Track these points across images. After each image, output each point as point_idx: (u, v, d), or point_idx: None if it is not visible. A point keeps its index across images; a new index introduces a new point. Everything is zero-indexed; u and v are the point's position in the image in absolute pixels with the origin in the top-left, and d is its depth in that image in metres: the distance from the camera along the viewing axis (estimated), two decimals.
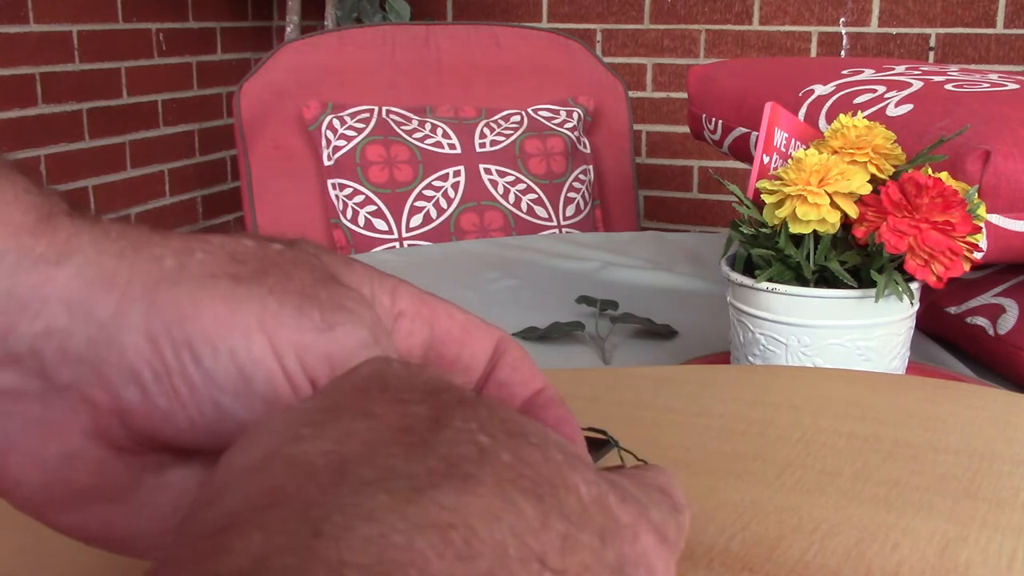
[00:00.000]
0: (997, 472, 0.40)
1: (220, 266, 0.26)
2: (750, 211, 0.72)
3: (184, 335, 0.25)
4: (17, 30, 2.21)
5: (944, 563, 0.33)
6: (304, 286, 0.27)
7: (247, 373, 0.25)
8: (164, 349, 0.25)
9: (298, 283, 0.27)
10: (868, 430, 0.45)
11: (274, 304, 0.26)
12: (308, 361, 0.26)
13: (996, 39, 2.45)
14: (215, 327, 0.25)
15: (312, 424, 0.22)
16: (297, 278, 0.27)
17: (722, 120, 1.26)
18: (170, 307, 0.25)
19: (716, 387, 0.53)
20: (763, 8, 2.61)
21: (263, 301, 0.26)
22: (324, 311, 0.26)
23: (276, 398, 0.26)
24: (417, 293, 0.31)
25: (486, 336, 0.33)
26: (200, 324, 0.25)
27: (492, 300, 1.12)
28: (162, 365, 0.25)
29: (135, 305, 0.25)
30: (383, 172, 1.90)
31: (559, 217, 1.96)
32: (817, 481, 0.40)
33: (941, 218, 0.67)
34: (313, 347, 0.26)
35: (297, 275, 0.27)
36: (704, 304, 1.10)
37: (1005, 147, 0.80)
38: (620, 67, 2.73)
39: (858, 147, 0.72)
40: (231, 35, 2.88)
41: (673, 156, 2.78)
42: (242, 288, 0.26)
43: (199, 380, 0.25)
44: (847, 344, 0.69)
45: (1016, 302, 0.88)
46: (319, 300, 0.27)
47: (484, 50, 2.13)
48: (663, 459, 0.43)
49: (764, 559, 0.34)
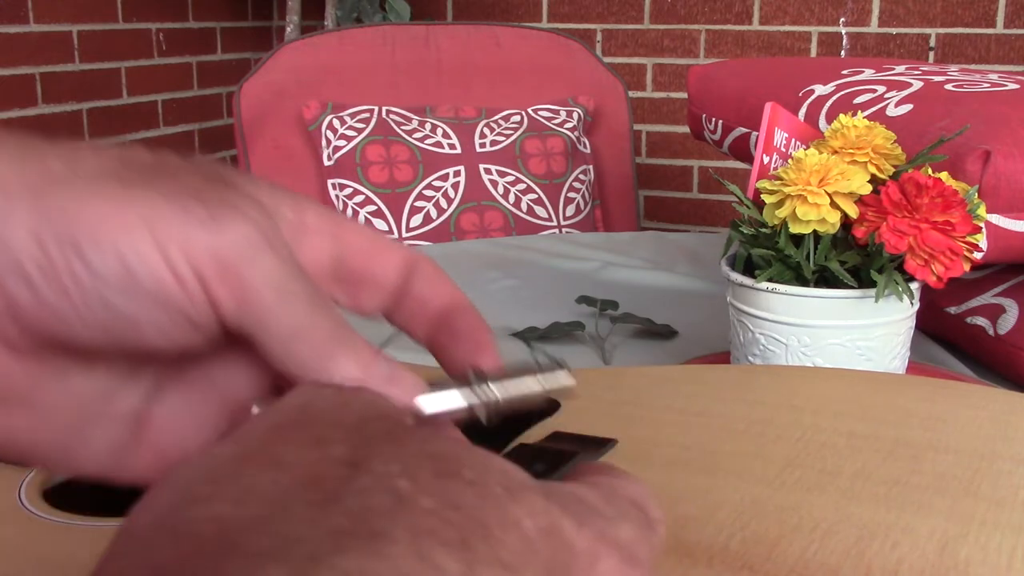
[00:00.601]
0: (997, 471, 0.40)
1: (109, 169, 0.26)
2: (750, 211, 0.72)
3: (69, 233, 0.25)
4: (17, 30, 2.21)
5: (944, 561, 0.33)
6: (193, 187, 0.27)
7: (132, 269, 0.25)
8: (49, 246, 0.25)
9: (187, 185, 0.27)
10: (868, 429, 0.45)
11: (160, 201, 0.26)
12: (194, 256, 0.26)
13: (996, 39, 2.45)
14: (100, 225, 0.25)
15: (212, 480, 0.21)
16: (187, 181, 0.27)
17: (722, 120, 1.26)
18: (56, 207, 0.25)
19: (716, 387, 0.53)
20: (763, 8, 2.61)
21: (149, 200, 0.26)
22: (210, 208, 0.26)
23: (163, 294, 0.26)
24: (324, 209, 0.32)
25: (396, 251, 0.33)
26: (85, 222, 0.25)
27: (492, 300, 1.12)
28: (48, 262, 0.25)
29: (20, 204, 0.25)
30: (383, 172, 1.90)
31: (559, 217, 1.96)
32: (817, 480, 0.40)
33: (941, 218, 0.67)
34: (198, 242, 0.26)
35: (188, 179, 0.27)
36: (704, 304, 1.10)
37: (1005, 147, 0.80)
38: (620, 67, 2.73)
39: (858, 147, 0.72)
40: (231, 35, 2.88)
41: (673, 156, 2.78)
42: (130, 190, 0.26)
43: (86, 277, 0.25)
44: (847, 344, 0.69)
45: (1016, 302, 0.88)
46: (206, 198, 0.26)
47: (484, 50, 2.13)
48: (662, 459, 0.43)
49: (764, 558, 0.34)
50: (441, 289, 0.33)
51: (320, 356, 0.28)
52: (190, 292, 0.26)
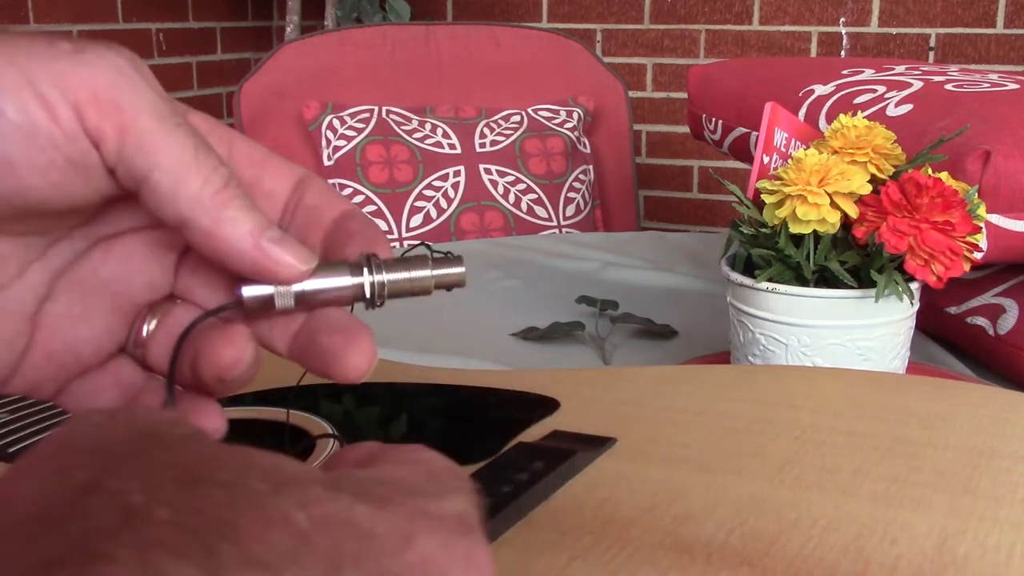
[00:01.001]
0: (996, 468, 0.40)
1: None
2: (750, 211, 0.72)
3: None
4: (17, 30, 2.21)
5: (942, 557, 0.33)
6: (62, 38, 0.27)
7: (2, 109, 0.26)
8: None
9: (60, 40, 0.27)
10: (867, 428, 0.45)
11: (24, 43, 0.26)
12: (67, 88, 0.26)
13: (996, 39, 2.45)
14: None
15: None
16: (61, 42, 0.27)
17: (722, 120, 1.26)
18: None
19: (716, 386, 0.53)
20: (763, 8, 2.61)
21: (15, 44, 0.26)
22: (78, 45, 0.27)
23: (36, 129, 0.26)
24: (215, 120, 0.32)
25: (289, 167, 0.33)
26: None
27: (492, 300, 1.13)
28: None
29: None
30: (383, 172, 1.90)
31: (559, 217, 1.96)
32: (816, 477, 0.40)
33: (941, 218, 0.67)
34: (68, 72, 0.26)
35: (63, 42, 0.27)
36: (704, 304, 1.10)
37: (1005, 147, 0.80)
38: (620, 67, 2.73)
39: (858, 147, 0.72)
40: (231, 35, 2.88)
41: (673, 156, 2.78)
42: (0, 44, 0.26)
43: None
44: (847, 344, 0.69)
45: (1016, 302, 0.88)
46: (74, 42, 0.27)
47: (484, 50, 2.13)
48: (661, 457, 0.44)
49: (763, 553, 0.34)
50: (333, 200, 0.33)
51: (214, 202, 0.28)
52: (65, 126, 0.26)
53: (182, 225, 0.28)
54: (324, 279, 0.31)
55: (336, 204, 0.33)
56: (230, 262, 0.29)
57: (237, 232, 0.29)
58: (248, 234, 0.29)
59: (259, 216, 0.29)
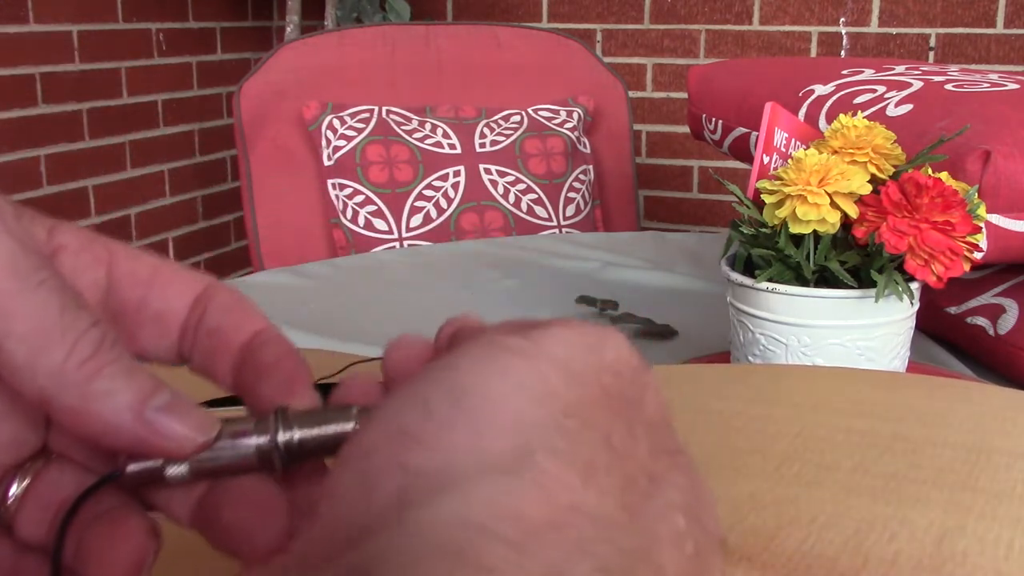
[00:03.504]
0: (995, 465, 0.40)
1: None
2: (750, 211, 0.72)
3: None
4: (17, 30, 2.21)
5: (941, 552, 0.33)
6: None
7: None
8: None
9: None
10: (866, 425, 0.45)
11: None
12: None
13: (996, 39, 2.45)
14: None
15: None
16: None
17: (722, 120, 1.26)
18: None
19: (714, 384, 0.53)
20: (763, 8, 2.61)
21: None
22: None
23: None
24: (87, 232, 0.27)
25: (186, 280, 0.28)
26: None
27: (492, 300, 1.13)
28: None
29: None
30: (383, 172, 1.90)
31: (559, 217, 1.96)
32: (815, 474, 0.40)
33: (941, 218, 0.67)
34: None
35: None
36: (704, 304, 1.10)
37: (1005, 147, 0.80)
38: (620, 67, 2.73)
39: (858, 147, 0.72)
40: (231, 35, 2.88)
41: (673, 156, 2.78)
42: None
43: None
44: (847, 344, 0.69)
45: (1016, 302, 0.88)
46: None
47: (484, 50, 2.13)
48: None
49: (762, 549, 0.34)
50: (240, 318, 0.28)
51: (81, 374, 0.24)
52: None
53: (44, 403, 0.24)
54: (223, 444, 0.26)
55: (244, 323, 0.28)
56: (106, 442, 0.25)
57: (113, 407, 0.24)
58: (126, 408, 0.24)
59: (141, 381, 0.25)
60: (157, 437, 0.25)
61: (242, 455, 0.26)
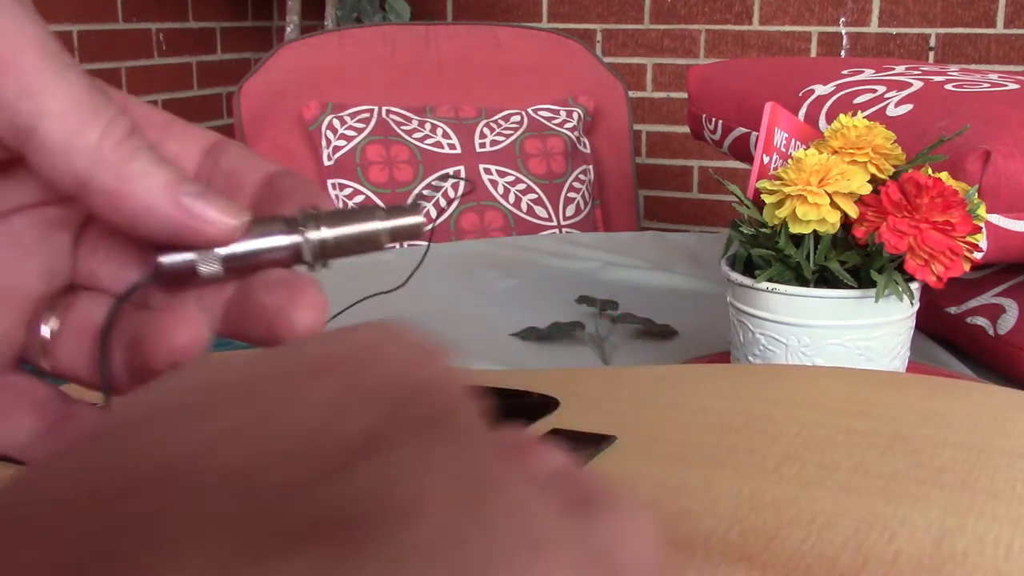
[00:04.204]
0: (995, 465, 0.41)
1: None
2: (750, 211, 0.73)
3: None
4: None
5: (941, 552, 0.33)
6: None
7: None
8: None
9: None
10: (866, 425, 0.45)
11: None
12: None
13: (996, 39, 2.45)
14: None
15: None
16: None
17: (722, 120, 1.26)
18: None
19: (715, 385, 0.53)
20: (763, 8, 2.61)
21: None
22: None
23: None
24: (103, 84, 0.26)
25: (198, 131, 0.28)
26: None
27: (492, 300, 1.13)
28: None
29: None
30: (383, 172, 1.91)
31: (559, 217, 1.96)
32: (815, 474, 0.40)
33: (941, 218, 0.67)
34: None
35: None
36: (704, 304, 1.10)
37: (1005, 147, 0.80)
38: (620, 67, 2.73)
39: (858, 147, 0.72)
40: (231, 35, 2.88)
41: (673, 156, 2.78)
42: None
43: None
44: (847, 344, 0.69)
45: (1016, 302, 0.88)
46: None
47: (484, 50, 2.13)
48: (661, 454, 0.44)
49: (762, 549, 0.34)
50: (255, 161, 0.28)
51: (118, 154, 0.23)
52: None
53: (80, 187, 0.24)
54: (255, 239, 0.26)
55: (259, 166, 0.28)
56: (142, 226, 0.24)
57: (149, 188, 0.24)
58: (163, 189, 0.24)
59: (172, 169, 0.24)
60: (193, 219, 0.24)
61: (274, 250, 0.26)
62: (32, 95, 0.23)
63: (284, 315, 0.25)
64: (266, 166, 0.28)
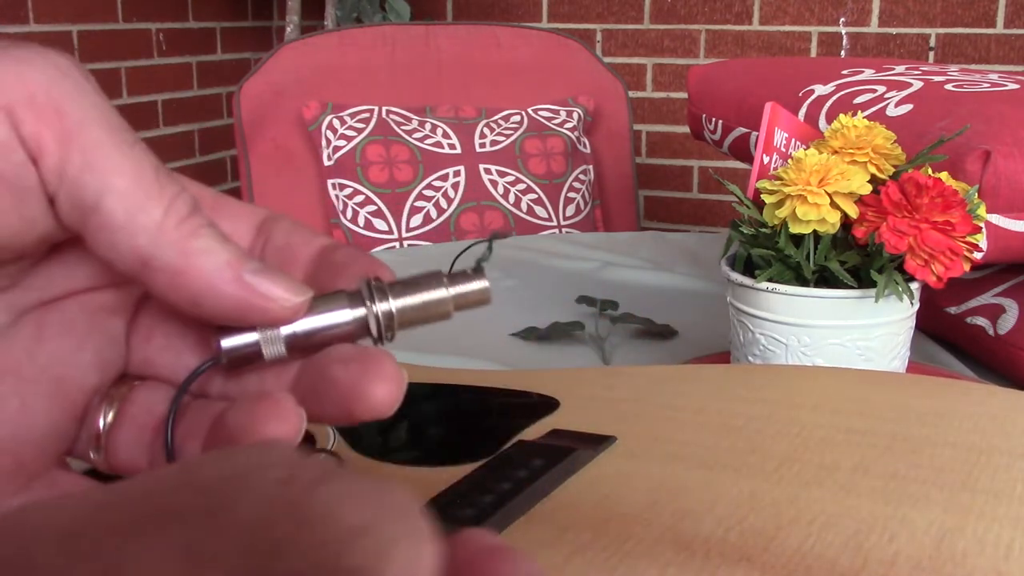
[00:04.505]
0: (995, 465, 0.40)
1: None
2: (750, 211, 0.72)
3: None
4: (17, 30, 2.21)
5: (941, 553, 0.33)
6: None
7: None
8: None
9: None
10: (866, 425, 0.45)
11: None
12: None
13: (996, 39, 2.45)
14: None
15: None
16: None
17: (722, 120, 1.26)
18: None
19: (714, 384, 0.53)
20: (763, 8, 2.61)
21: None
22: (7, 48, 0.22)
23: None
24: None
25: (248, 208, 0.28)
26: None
27: (492, 300, 1.12)
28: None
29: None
30: (383, 172, 1.90)
31: (559, 217, 1.96)
32: (815, 474, 0.40)
33: (941, 218, 0.67)
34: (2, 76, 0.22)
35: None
36: (704, 304, 1.10)
37: (1005, 147, 0.80)
38: (620, 67, 2.73)
39: (858, 147, 0.72)
40: (231, 35, 2.88)
41: (673, 156, 2.78)
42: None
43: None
44: (847, 344, 0.69)
45: (1016, 302, 0.88)
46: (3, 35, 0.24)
47: (484, 50, 2.13)
48: (661, 454, 0.44)
49: (762, 549, 0.34)
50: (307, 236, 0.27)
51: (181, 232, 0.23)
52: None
53: (141, 265, 0.23)
54: (318, 315, 0.25)
55: (312, 240, 0.27)
56: (205, 304, 0.24)
57: (212, 265, 0.23)
58: (226, 267, 0.24)
59: (235, 247, 0.24)
60: (257, 297, 0.24)
61: (339, 326, 0.25)
62: (97, 171, 0.23)
63: (360, 390, 0.24)
64: (318, 240, 0.27)
